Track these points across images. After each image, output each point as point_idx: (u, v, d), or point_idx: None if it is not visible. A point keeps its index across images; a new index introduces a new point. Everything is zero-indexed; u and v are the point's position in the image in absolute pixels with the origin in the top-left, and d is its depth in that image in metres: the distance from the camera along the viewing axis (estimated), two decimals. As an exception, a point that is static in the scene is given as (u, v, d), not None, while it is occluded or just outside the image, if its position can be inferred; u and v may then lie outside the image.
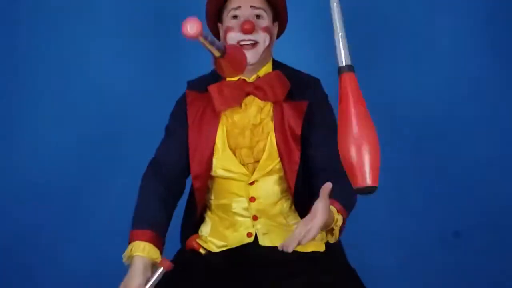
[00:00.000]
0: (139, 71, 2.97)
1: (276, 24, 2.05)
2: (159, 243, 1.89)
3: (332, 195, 1.75)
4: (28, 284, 2.97)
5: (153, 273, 1.85)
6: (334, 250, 2.02)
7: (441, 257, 2.92)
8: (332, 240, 1.79)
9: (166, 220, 1.94)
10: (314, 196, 1.77)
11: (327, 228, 1.74)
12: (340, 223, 1.77)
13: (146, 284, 1.83)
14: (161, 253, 1.89)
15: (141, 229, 1.88)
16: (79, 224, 2.98)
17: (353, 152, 1.51)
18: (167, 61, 2.93)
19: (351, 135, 1.51)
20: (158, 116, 2.11)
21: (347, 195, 1.80)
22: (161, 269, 1.84)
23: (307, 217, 1.69)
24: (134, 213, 1.94)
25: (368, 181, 1.50)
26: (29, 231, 2.97)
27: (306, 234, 1.68)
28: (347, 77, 1.54)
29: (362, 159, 1.51)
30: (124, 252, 1.88)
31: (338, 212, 1.76)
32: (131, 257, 1.86)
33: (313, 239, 1.69)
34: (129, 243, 1.88)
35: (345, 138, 1.52)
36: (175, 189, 2.00)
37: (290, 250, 1.68)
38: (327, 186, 1.70)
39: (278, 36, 2.10)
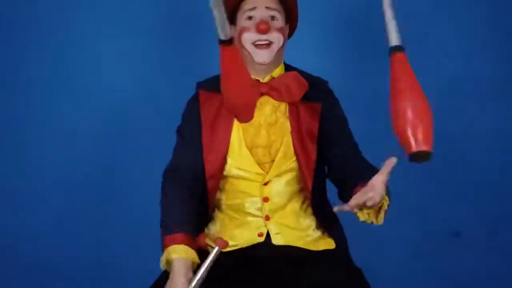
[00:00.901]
0: (151, 72, 2.96)
1: (287, 26, 2.07)
2: (192, 244, 1.91)
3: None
4: (31, 284, 2.96)
5: (209, 253, 1.86)
6: (341, 249, 2.05)
7: (445, 257, 2.94)
8: (376, 221, 1.77)
9: (193, 219, 1.96)
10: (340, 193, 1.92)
11: (375, 207, 1.72)
12: (387, 203, 1.76)
13: (190, 283, 1.83)
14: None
15: (173, 234, 1.90)
16: (86, 224, 2.97)
17: (409, 113, 1.53)
18: (180, 62, 2.92)
19: (408, 101, 1.53)
20: (171, 116, 2.12)
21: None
22: (216, 249, 1.86)
23: (366, 187, 1.68)
24: (162, 220, 1.96)
25: (424, 146, 1.52)
26: (32, 231, 2.97)
27: (368, 200, 1.67)
28: (399, 57, 1.59)
29: (418, 122, 1.52)
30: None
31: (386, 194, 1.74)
32: (170, 261, 1.87)
33: (372, 207, 1.69)
34: (163, 249, 1.90)
35: (400, 104, 1.54)
36: (195, 189, 2.00)
37: (347, 209, 1.68)
38: (392, 161, 1.68)
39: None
